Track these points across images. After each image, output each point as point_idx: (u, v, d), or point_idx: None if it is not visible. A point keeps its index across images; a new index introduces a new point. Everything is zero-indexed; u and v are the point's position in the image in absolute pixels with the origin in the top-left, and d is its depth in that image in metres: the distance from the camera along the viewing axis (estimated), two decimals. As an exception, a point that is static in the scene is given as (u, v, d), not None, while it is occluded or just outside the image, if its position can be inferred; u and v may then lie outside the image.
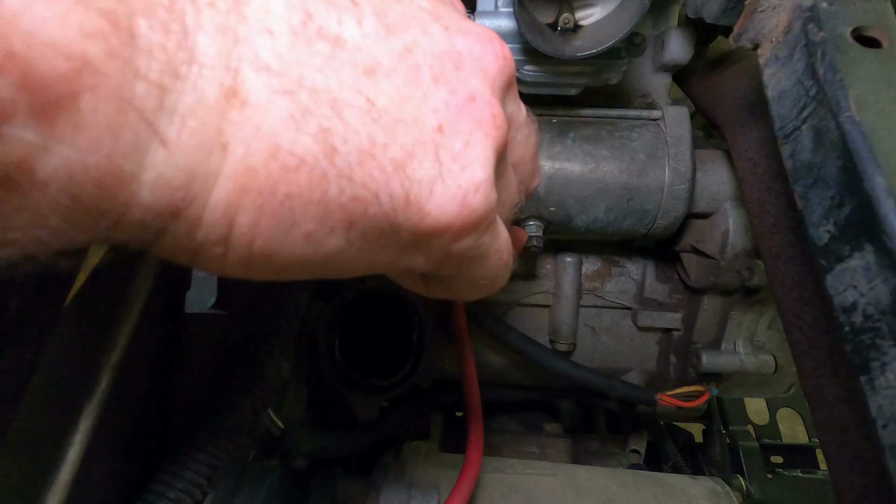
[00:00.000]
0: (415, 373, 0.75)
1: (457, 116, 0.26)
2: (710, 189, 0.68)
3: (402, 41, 0.25)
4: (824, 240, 0.34)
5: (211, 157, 0.20)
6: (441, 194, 0.25)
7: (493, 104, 0.27)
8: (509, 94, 0.30)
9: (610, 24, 0.54)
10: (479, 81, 0.27)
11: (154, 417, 0.51)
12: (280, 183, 0.21)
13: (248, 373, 0.54)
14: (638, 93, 0.74)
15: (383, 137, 0.24)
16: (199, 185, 0.20)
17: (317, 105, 0.22)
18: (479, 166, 0.26)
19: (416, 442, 0.78)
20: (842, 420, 0.40)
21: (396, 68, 0.25)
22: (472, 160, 0.26)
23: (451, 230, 0.26)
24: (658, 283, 0.81)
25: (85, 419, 0.37)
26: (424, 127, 0.25)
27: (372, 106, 0.23)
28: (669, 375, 0.83)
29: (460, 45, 0.27)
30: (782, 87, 0.39)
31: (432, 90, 0.26)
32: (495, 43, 0.29)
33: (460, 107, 0.26)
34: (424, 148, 0.25)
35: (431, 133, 0.25)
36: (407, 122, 0.24)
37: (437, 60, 0.26)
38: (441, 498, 0.64)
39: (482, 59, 0.28)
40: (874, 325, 0.30)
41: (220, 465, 0.48)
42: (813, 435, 1.23)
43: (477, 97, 0.27)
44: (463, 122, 0.26)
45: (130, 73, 0.18)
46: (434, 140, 0.25)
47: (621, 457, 0.92)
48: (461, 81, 0.27)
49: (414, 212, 0.25)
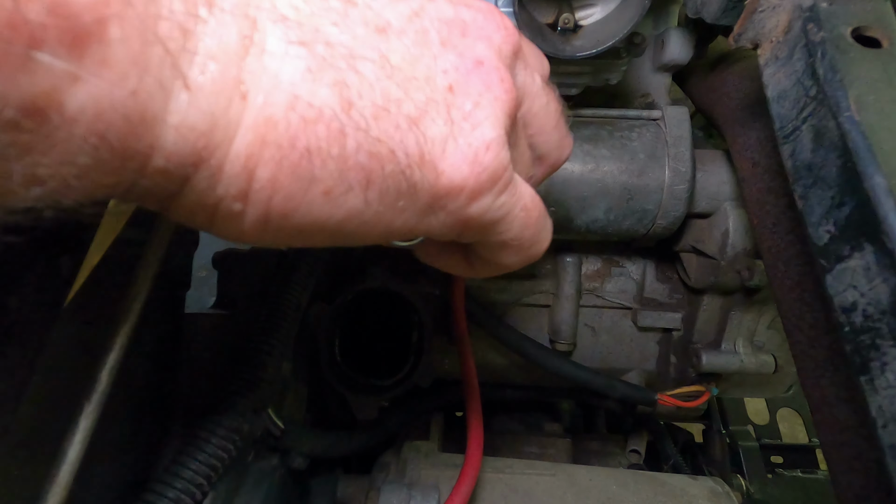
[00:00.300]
0: (415, 373, 0.75)
1: (466, 78, 0.26)
2: (710, 189, 0.68)
3: (409, 5, 0.26)
4: (824, 240, 0.34)
5: (232, 105, 0.20)
6: (453, 153, 0.26)
7: (500, 69, 0.28)
8: (517, 63, 0.31)
9: (610, 24, 0.54)
10: (485, 48, 0.28)
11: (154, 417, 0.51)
12: (299, 135, 0.21)
13: (248, 373, 0.54)
14: (638, 93, 0.74)
15: (397, 93, 0.24)
16: (221, 134, 0.20)
17: (333, 57, 0.22)
18: (489, 125, 0.26)
19: (416, 442, 0.78)
20: (842, 420, 0.40)
21: (405, 29, 0.25)
22: (482, 119, 0.26)
23: (466, 190, 0.26)
24: (658, 283, 0.81)
25: (85, 419, 0.37)
26: (436, 86, 0.25)
27: (386, 61, 0.24)
28: (669, 375, 0.83)
29: (465, 14, 0.28)
30: (782, 87, 0.39)
31: (441, 52, 0.26)
32: (496, 15, 0.29)
33: (469, 69, 0.27)
34: (436, 106, 0.25)
35: (443, 92, 0.26)
36: (419, 80, 0.25)
37: (443, 26, 0.27)
38: (441, 498, 0.64)
39: (486, 27, 0.28)
40: (874, 325, 0.30)
41: (220, 465, 0.48)
42: (813, 435, 1.23)
43: (485, 62, 0.27)
44: (472, 83, 0.26)
45: (154, 8, 0.18)
46: (445, 99, 0.26)
47: (621, 457, 0.92)
48: (468, 46, 0.27)
49: (429, 170, 0.25)
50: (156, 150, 0.19)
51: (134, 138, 0.19)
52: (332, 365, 0.75)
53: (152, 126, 0.19)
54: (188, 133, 0.19)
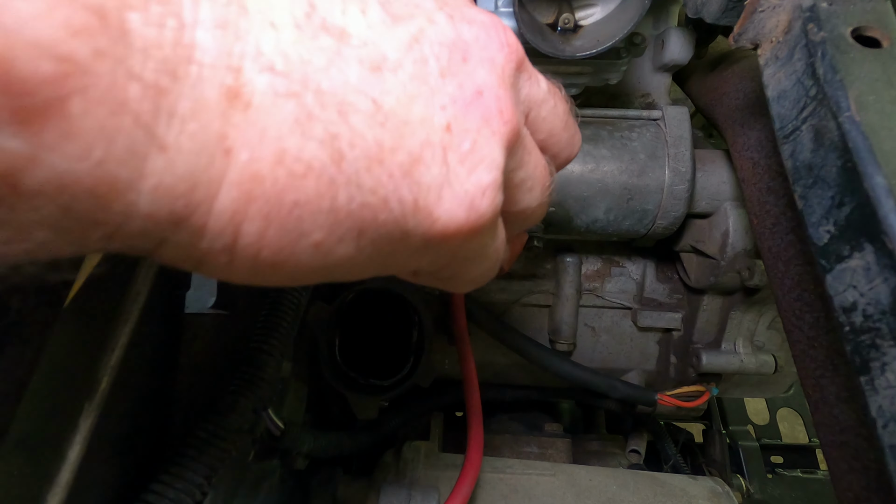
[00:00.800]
0: (415, 373, 0.75)
1: (465, 113, 0.25)
2: (710, 189, 0.68)
3: (408, 30, 0.25)
4: (824, 240, 0.34)
5: (214, 163, 0.19)
6: (450, 199, 0.25)
7: (500, 98, 0.27)
8: (521, 77, 0.30)
9: (610, 24, 0.54)
10: (486, 73, 0.27)
11: (154, 417, 0.51)
12: (287, 190, 0.20)
13: (248, 373, 0.54)
14: (638, 93, 0.74)
15: (391, 141, 0.23)
16: (203, 193, 0.19)
17: (322, 108, 0.21)
18: (485, 169, 0.26)
19: (416, 442, 0.78)
20: (842, 420, 0.40)
21: (403, 62, 0.24)
22: (478, 162, 0.25)
23: (461, 234, 0.26)
24: (658, 283, 0.81)
25: (85, 419, 0.37)
26: (432, 126, 0.24)
27: (379, 109, 0.23)
28: (669, 375, 0.83)
29: (466, 33, 0.27)
30: (782, 87, 0.39)
31: (440, 85, 0.25)
32: (500, 30, 0.28)
33: (468, 102, 0.25)
34: (432, 150, 0.24)
35: (440, 132, 0.24)
36: (414, 124, 0.24)
37: (444, 51, 0.25)
38: (441, 498, 0.64)
39: (489, 48, 0.27)
40: (874, 325, 0.30)
41: (220, 465, 0.48)
42: (813, 435, 1.23)
43: (485, 91, 0.26)
44: (471, 118, 0.25)
45: (123, 73, 0.16)
46: (442, 141, 0.25)
47: (621, 457, 0.92)
48: (468, 74, 0.26)
49: (424, 217, 0.25)
50: (129, 216, 0.18)
51: (103, 208, 0.17)
52: (332, 365, 0.75)
53: (124, 193, 0.18)
54: (165, 195, 0.18)
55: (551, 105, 0.33)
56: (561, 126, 0.34)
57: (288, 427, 0.63)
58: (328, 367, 0.75)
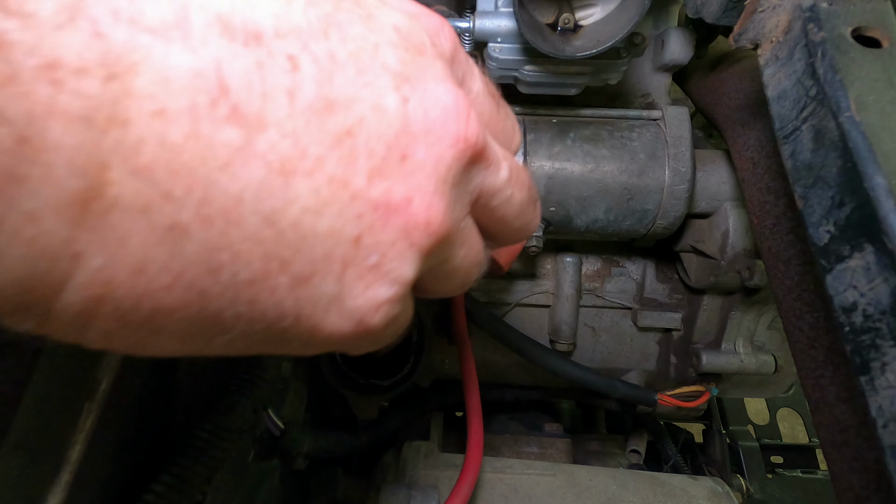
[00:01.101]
0: (415, 373, 0.75)
1: (383, 223, 0.21)
2: (710, 189, 0.68)
3: (343, 121, 0.20)
4: (824, 240, 0.34)
5: (57, 266, 0.16)
6: (337, 315, 0.22)
7: (432, 207, 0.22)
8: (475, 168, 0.25)
9: (610, 24, 0.54)
10: (425, 177, 0.22)
11: (154, 417, 0.51)
12: (146, 299, 0.18)
13: (248, 372, 0.54)
14: (638, 93, 0.74)
15: (285, 254, 0.19)
16: (40, 293, 0.17)
17: (204, 222, 0.18)
18: (386, 285, 0.22)
19: (416, 442, 0.78)
20: (842, 420, 0.40)
21: (325, 161, 0.20)
22: (380, 277, 0.22)
23: (346, 341, 0.23)
24: (658, 283, 0.81)
25: (85, 419, 0.37)
26: (339, 239, 0.20)
27: (276, 223, 0.19)
28: (669, 375, 0.83)
29: (417, 124, 0.22)
30: (782, 87, 0.39)
31: (362, 189, 0.21)
32: (462, 119, 0.23)
33: (390, 211, 0.21)
34: (331, 265, 0.21)
35: (346, 246, 0.21)
36: (317, 237, 0.20)
37: (381, 147, 0.21)
38: (441, 498, 0.64)
39: (440, 143, 0.22)
40: (874, 325, 0.30)
41: (220, 465, 0.48)
42: (813, 435, 1.23)
43: (415, 199, 0.22)
44: (388, 230, 0.21)
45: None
46: (345, 255, 0.21)
47: (621, 457, 0.92)
48: (403, 177, 0.21)
49: (305, 327, 0.22)
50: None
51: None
52: (332, 365, 0.75)
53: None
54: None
55: (507, 195, 0.28)
56: (513, 215, 0.29)
57: (288, 427, 0.63)
58: (328, 367, 0.75)
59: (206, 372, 0.57)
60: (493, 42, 0.58)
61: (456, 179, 0.24)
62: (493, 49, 0.58)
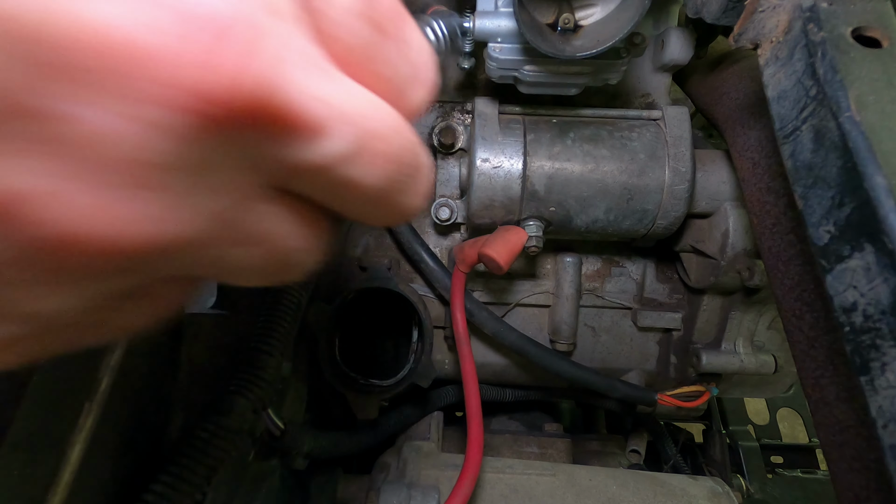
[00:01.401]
0: (415, 373, 0.75)
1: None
2: (710, 189, 0.68)
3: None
4: (824, 240, 0.34)
5: None
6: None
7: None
8: (256, 139, 0.16)
9: (610, 24, 0.54)
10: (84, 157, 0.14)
11: (154, 417, 0.51)
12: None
13: (248, 373, 0.54)
14: (638, 93, 0.74)
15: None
16: None
17: None
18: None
19: (416, 442, 0.78)
20: (842, 420, 0.40)
21: None
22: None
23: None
24: (658, 283, 0.81)
25: (85, 419, 0.37)
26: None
27: None
28: (669, 375, 0.83)
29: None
30: (782, 87, 0.39)
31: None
32: (226, 39, 0.14)
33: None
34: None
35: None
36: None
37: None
38: (441, 498, 0.64)
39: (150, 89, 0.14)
40: (874, 325, 0.30)
41: (220, 465, 0.48)
42: (813, 435, 1.23)
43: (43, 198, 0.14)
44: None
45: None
46: None
47: (621, 457, 0.92)
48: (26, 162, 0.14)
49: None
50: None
51: None
52: (332, 365, 0.75)
53: None
54: None
55: (344, 176, 0.18)
56: (365, 199, 0.20)
57: (288, 427, 0.63)
58: (328, 367, 0.75)
59: (206, 372, 0.57)
60: (493, 42, 0.58)
61: (185, 159, 0.15)
62: (493, 49, 0.58)
